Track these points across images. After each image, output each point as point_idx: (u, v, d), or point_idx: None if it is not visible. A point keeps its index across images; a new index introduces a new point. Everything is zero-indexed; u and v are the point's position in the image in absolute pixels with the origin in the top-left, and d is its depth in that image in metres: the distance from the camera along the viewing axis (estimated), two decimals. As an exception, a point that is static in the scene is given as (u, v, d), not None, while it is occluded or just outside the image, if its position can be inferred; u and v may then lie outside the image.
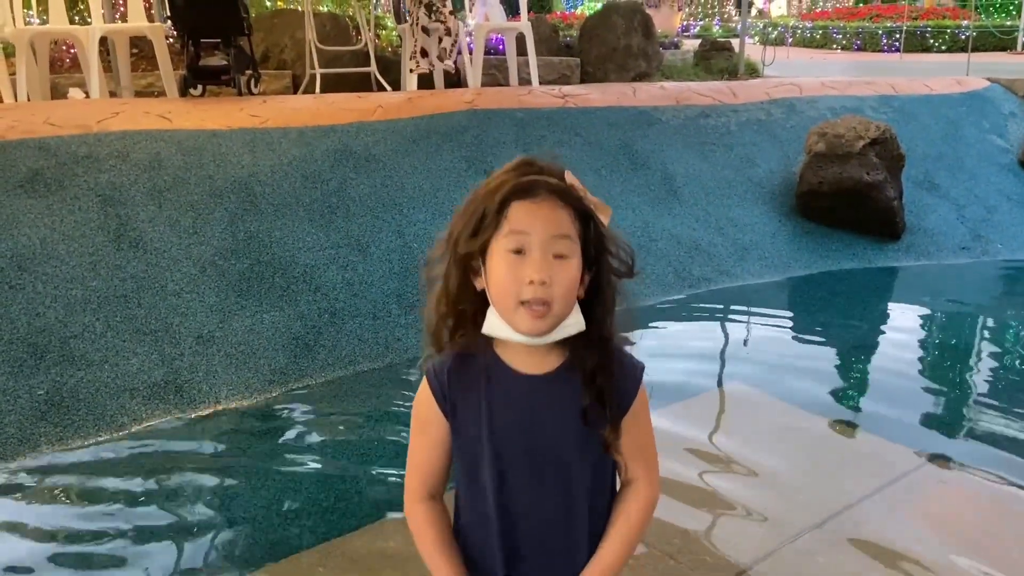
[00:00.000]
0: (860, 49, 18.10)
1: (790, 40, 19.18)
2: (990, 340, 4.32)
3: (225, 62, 5.69)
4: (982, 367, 3.84)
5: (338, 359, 3.76)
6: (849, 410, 3.41)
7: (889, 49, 17.07)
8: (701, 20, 25.21)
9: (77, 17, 7.04)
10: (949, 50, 16.23)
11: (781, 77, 8.50)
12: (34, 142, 4.22)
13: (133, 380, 3.38)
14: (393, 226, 4.50)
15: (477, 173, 4.90)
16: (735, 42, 9.74)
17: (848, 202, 5.46)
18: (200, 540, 2.50)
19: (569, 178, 1.16)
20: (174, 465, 3.00)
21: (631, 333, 1.27)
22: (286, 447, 3.13)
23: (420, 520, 1.27)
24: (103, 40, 5.90)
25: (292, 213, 4.34)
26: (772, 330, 4.42)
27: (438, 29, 6.23)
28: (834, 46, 18.96)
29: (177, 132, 4.58)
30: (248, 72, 5.89)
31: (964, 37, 13.90)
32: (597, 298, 1.21)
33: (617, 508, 1.29)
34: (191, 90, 5.71)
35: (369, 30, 7.13)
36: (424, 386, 1.24)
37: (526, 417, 1.20)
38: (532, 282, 1.11)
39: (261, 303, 3.88)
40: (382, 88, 6.78)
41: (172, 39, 6.40)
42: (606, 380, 1.20)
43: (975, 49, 13.07)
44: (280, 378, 3.59)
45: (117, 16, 6.85)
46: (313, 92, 6.49)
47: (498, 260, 1.13)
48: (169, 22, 6.08)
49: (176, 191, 4.21)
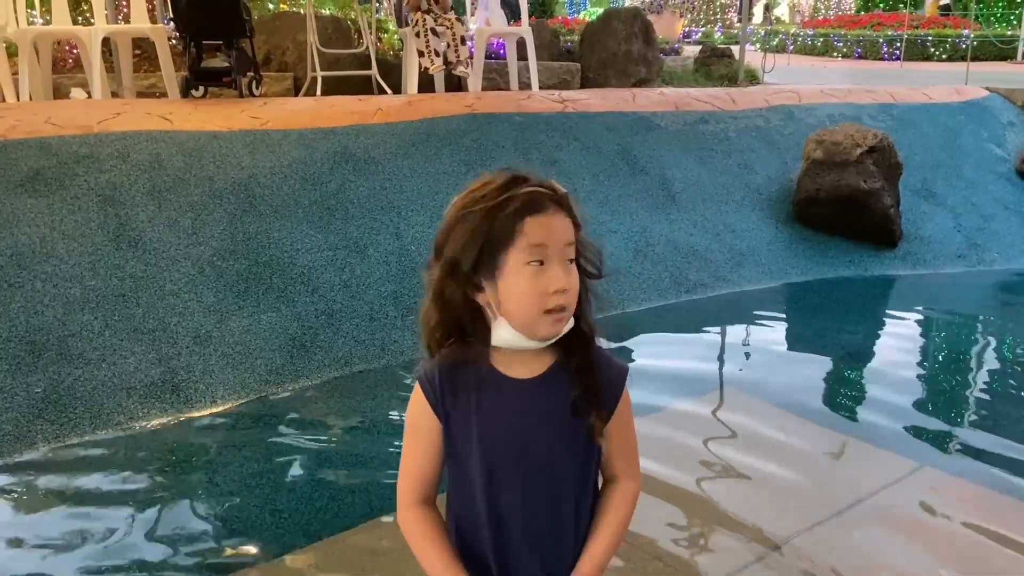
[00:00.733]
0: (861, 57, 18.14)
1: (791, 47, 19.23)
2: (985, 350, 4.34)
3: (227, 64, 5.71)
4: (976, 376, 3.85)
5: (334, 360, 3.78)
6: (842, 417, 3.42)
7: (890, 57, 17.11)
8: (703, 27, 25.27)
9: (80, 18, 7.07)
10: (950, 59, 16.27)
11: (780, 84, 8.53)
12: (35, 142, 4.25)
13: (130, 379, 3.40)
14: (391, 228, 4.52)
15: (476, 177, 4.89)
16: (735, 49, 9.78)
17: (845, 209, 5.48)
18: (194, 538, 2.52)
19: (561, 188, 1.21)
20: (169, 464, 3.02)
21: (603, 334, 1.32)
22: (281, 447, 3.15)
23: (416, 525, 1.28)
24: (105, 41, 5.94)
25: (291, 214, 4.37)
26: (767, 336, 4.43)
27: (445, 34, 6.26)
28: (835, 54, 19.01)
29: (178, 133, 4.60)
30: (249, 74, 5.92)
31: (964, 46, 13.94)
32: (582, 297, 1.25)
33: (603, 504, 1.32)
34: (192, 91, 5.73)
35: (371, 33, 7.16)
36: (417, 392, 1.26)
37: (517, 420, 1.23)
38: (557, 291, 1.16)
39: (259, 304, 3.90)
40: (383, 91, 6.81)
41: (174, 40, 6.43)
42: (593, 371, 1.24)
43: (976, 58, 13.11)
44: (276, 378, 3.61)
45: (120, 17, 6.88)
46: (314, 95, 6.52)
47: (518, 274, 1.16)
48: (171, 23, 6.11)
49: (176, 192, 4.23)
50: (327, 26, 7.30)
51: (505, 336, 1.21)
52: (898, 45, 16.72)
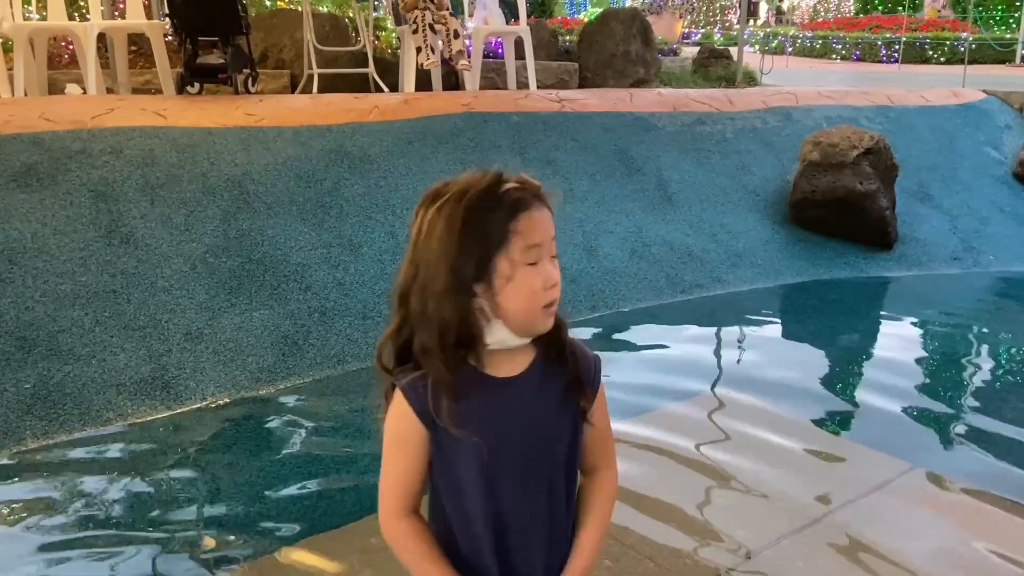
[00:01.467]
0: (859, 59, 18.15)
1: (790, 49, 19.23)
2: (979, 352, 4.33)
3: (222, 61, 5.69)
4: (969, 378, 3.84)
5: (327, 358, 3.77)
6: (835, 418, 3.41)
7: (888, 60, 17.12)
8: (702, 28, 25.28)
9: (76, 14, 7.05)
10: (948, 62, 16.28)
11: (778, 86, 8.52)
12: (28, 136, 4.23)
13: (120, 375, 3.38)
14: (386, 227, 4.50)
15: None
16: (734, 50, 9.77)
17: (841, 211, 5.47)
18: (184, 536, 2.50)
19: (536, 183, 1.21)
20: (159, 461, 3.01)
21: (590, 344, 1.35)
22: (272, 445, 3.13)
23: (406, 536, 1.25)
24: (101, 37, 5.92)
25: (285, 212, 4.35)
26: (762, 337, 4.42)
27: (441, 31, 6.24)
28: (833, 56, 19.01)
29: (172, 129, 4.59)
30: (246, 71, 5.90)
31: (963, 49, 13.96)
32: None
33: (588, 497, 1.32)
34: (188, 88, 5.72)
35: (368, 31, 7.15)
36: (401, 402, 1.22)
37: (508, 417, 1.22)
38: (551, 287, 1.18)
39: (251, 301, 3.88)
40: (379, 89, 6.80)
41: (170, 37, 6.40)
42: (572, 357, 1.26)
43: (974, 61, 13.11)
44: (268, 376, 3.60)
45: (116, 13, 6.85)
46: (311, 92, 6.50)
47: (518, 275, 1.15)
48: (167, 20, 6.09)
49: (169, 188, 4.21)
50: (324, 24, 7.28)
51: (501, 337, 1.19)
52: (896, 47, 16.74)
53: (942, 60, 16.68)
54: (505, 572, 1.25)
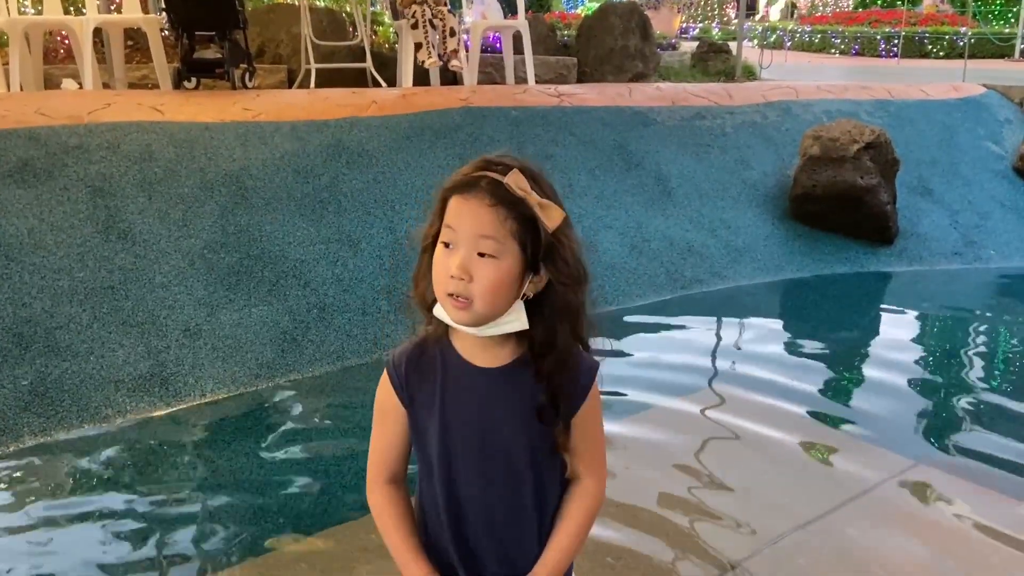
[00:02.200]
0: (858, 54, 18.13)
1: (789, 44, 19.20)
2: (980, 347, 4.32)
3: (219, 55, 5.66)
4: (972, 374, 3.83)
5: (326, 354, 3.75)
6: (837, 413, 3.40)
7: (887, 54, 17.10)
8: (700, 22, 25.24)
9: (71, 8, 7.00)
10: (947, 56, 16.27)
11: (778, 80, 8.50)
12: (24, 132, 4.20)
13: (119, 372, 3.36)
14: (385, 222, 4.48)
15: (470, 170, 4.88)
16: (733, 45, 9.75)
17: (841, 206, 5.46)
18: (183, 533, 2.49)
19: (511, 178, 1.13)
20: (158, 458, 2.99)
21: (592, 341, 1.27)
22: (271, 441, 3.11)
23: (380, 504, 1.31)
24: (97, 31, 5.88)
25: (283, 207, 4.33)
26: (762, 333, 4.41)
27: (439, 26, 6.21)
28: (832, 50, 18.99)
29: (169, 124, 4.56)
30: (243, 66, 5.86)
31: (962, 44, 13.93)
32: (545, 301, 1.19)
33: (565, 506, 1.29)
34: (185, 83, 5.68)
35: (366, 26, 7.11)
36: (384, 377, 1.28)
37: (476, 409, 1.23)
38: (452, 276, 1.14)
39: (249, 297, 3.86)
40: (377, 84, 6.76)
41: (167, 31, 6.37)
42: (558, 383, 1.20)
43: (973, 56, 13.09)
44: (267, 372, 3.58)
45: (112, 7, 6.82)
46: (308, 87, 6.47)
47: (436, 252, 1.18)
48: (164, 14, 6.05)
49: (166, 183, 4.19)
50: (322, 18, 7.25)
51: (439, 311, 1.21)
52: (896, 42, 16.71)
53: (941, 54, 16.67)
54: (463, 557, 1.26)
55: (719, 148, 6.06)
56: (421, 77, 6.48)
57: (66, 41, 6.73)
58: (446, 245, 1.16)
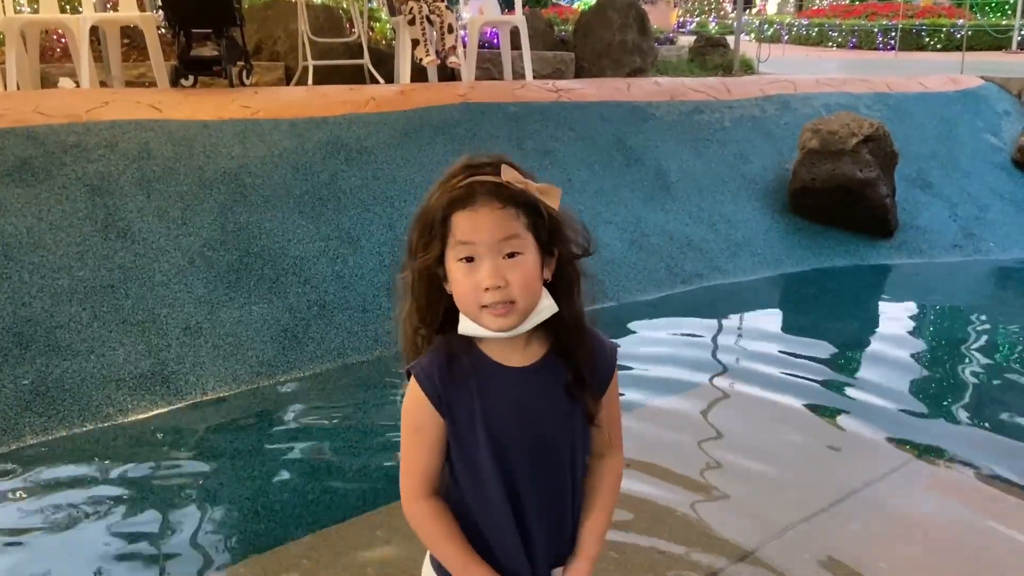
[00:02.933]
0: (856, 47, 18.12)
1: (786, 37, 19.18)
2: (980, 339, 4.32)
3: (217, 53, 5.64)
4: (971, 367, 3.83)
5: (326, 352, 3.75)
6: (837, 407, 3.40)
7: (884, 47, 17.09)
8: (697, 16, 25.21)
9: (68, 6, 6.98)
10: (944, 49, 16.26)
11: (776, 74, 8.49)
12: (23, 131, 4.19)
13: (119, 371, 3.36)
14: (384, 219, 4.48)
15: (469, 166, 4.87)
16: (730, 39, 9.73)
17: (841, 199, 5.45)
18: (186, 530, 2.49)
19: (506, 173, 1.14)
20: (160, 456, 2.99)
21: (595, 309, 1.30)
22: (273, 439, 3.12)
23: (426, 517, 1.26)
24: (94, 30, 5.86)
25: (282, 205, 4.32)
26: (762, 326, 4.41)
27: (436, 23, 6.20)
28: (830, 44, 18.98)
29: (167, 122, 4.55)
30: (240, 63, 5.85)
31: (959, 36, 13.92)
32: (561, 279, 1.22)
33: (596, 481, 1.33)
34: (182, 81, 5.66)
35: (363, 22, 7.10)
36: (415, 388, 1.23)
37: (519, 408, 1.22)
38: (488, 289, 1.13)
39: (250, 295, 3.86)
40: (375, 81, 6.75)
41: (163, 29, 6.35)
42: (584, 355, 1.23)
43: (970, 48, 13.09)
44: (268, 370, 3.58)
45: (108, 6, 6.80)
46: (306, 84, 6.46)
47: (454, 271, 1.17)
48: (160, 12, 6.04)
49: (165, 182, 4.18)
50: (319, 15, 7.23)
51: (468, 327, 1.20)
52: (893, 35, 16.70)
53: (938, 47, 16.66)
54: (523, 548, 1.26)
55: (718, 142, 6.05)
56: (419, 73, 6.47)
57: (63, 40, 6.72)
58: (467, 260, 1.14)
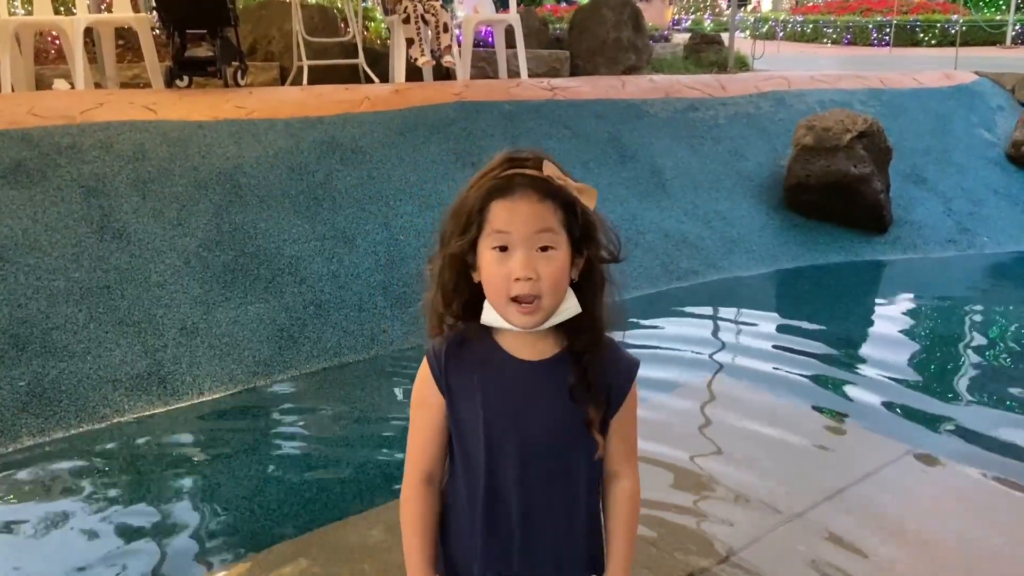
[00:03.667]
0: (850, 43, 18.15)
1: (781, 34, 19.20)
2: (974, 333, 4.34)
3: (211, 53, 5.64)
4: (966, 360, 3.85)
5: (323, 351, 3.75)
6: (832, 401, 3.42)
7: (879, 43, 17.12)
8: (692, 13, 25.23)
9: (62, 7, 6.98)
10: (939, 44, 16.29)
11: (770, 71, 8.50)
12: (17, 132, 4.19)
13: (116, 371, 3.36)
14: (380, 218, 4.48)
15: (464, 166, 4.89)
16: (725, 36, 9.74)
17: (835, 195, 5.47)
18: (183, 530, 2.49)
19: (548, 168, 1.15)
20: (156, 456, 3.00)
21: (619, 325, 1.28)
22: (269, 438, 3.12)
23: (409, 505, 1.28)
24: (88, 31, 5.85)
25: (278, 205, 4.32)
26: (758, 322, 4.42)
27: (431, 22, 6.20)
28: (824, 40, 19.00)
29: (162, 123, 4.54)
30: (235, 63, 5.85)
31: (954, 31, 13.95)
32: (588, 280, 1.22)
33: (615, 504, 1.30)
34: (177, 81, 5.66)
35: (357, 22, 7.10)
36: (424, 366, 1.26)
37: (519, 401, 1.22)
38: (518, 279, 1.14)
39: (246, 294, 3.86)
40: (370, 80, 6.75)
41: (158, 30, 6.35)
42: (595, 360, 1.22)
43: (965, 43, 13.11)
44: (264, 369, 3.58)
45: (102, 7, 6.79)
46: (300, 84, 6.46)
47: (486, 259, 1.17)
48: (155, 13, 6.03)
49: (160, 182, 4.18)
50: (313, 15, 7.22)
51: (491, 317, 1.20)
52: (887, 31, 16.72)
53: (933, 43, 16.69)
54: (504, 553, 1.25)
55: (713, 139, 6.06)
56: (414, 72, 6.47)
57: (57, 41, 6.71)
58: (500, 250, 1.15)
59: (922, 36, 17.01)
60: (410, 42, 6.19)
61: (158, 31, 6.30)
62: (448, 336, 1.25)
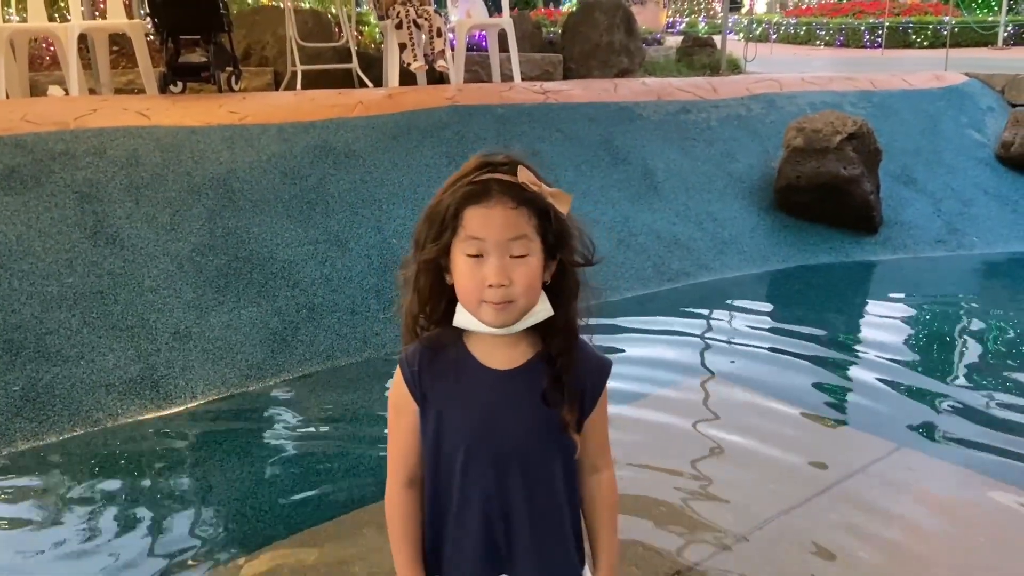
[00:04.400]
0: (843, 45, 18.22)
1: (774, 36, 19.27)
2: (964, 333, 4.37)
3: (205, 59, 5.67)
4: (955, 359, 3.88)
5: (316, 354, 3.77)
6: (821, 401, 3.44)
7: (872, 45, 17.19)
8: (687, 16, 25.30)
9: (56, 14, 7.00)
10: (931, 46, 16.36)
11: (762, 73, 8.55)
12: (11, 139, 4.21)
13: (109, 376, 3.38)
14: (372, 222, 4.51)
15: (457, 169, 4.90)
16: (718, 39, 9.79)
17: (825, 196, 5.51)
18: (176, 532, 2.51)
19: (523, 174, 1.16)
20: (150, 460, 3.02)
21: (589, 322, 1.30)
22: (262, 441, 3.14)
23: (393, 508, 1.30)
24: (82, 37, 5.88)
25: (271, 209, 4.35)
26: (749, 323, 4.45)
27: (424, 26, 6.24)
28: (817, 42, 19.07)
29: (155, 129, 4.57)
30: (228, 69, 5.88)
31: (946, 33, 14.02)
32: (562, 284, 1.24)
33: (596, 495, 1.32)
34: (171, 87, 5.69)
35: (351, 27, 7.13)
36: (398, 373, 1.27)
37: (494, 411, 1.23)
38: (492, 286, 1.15)
39: (239, 299, 3.88)
40: (363, 84, 6.78)
41: (152, 36, 6.38)
42: (569, 363, 1.23)
43: (958, 45, 13.18)
44: (257, 373, 3.60)
45: (96, 13, 6.82)
46: (294, 89, 6.49)
47: (459, 263, 1.18)
48: (148, 19, 6.06)
49: (154, 188, 4.20)
50: (307, 20, 7.26)
51: (464, 319, 1.22)
52: (880, 32, 16.80)
53: (925, 44, 16.76)
54: (484, 559, 1.26)
55: (704, 141, 6.10)
56: (407, 77, 6.50)
57: (51, 48, 6.73)
58: (474, 256, 1.16)
59: (914, 38, 17.08)
60: (403, 47, 6.23)
61: (152, 37, 6.33)
62: (421, 344, 1.25)
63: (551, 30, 9.19)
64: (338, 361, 3.78)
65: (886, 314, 4.64)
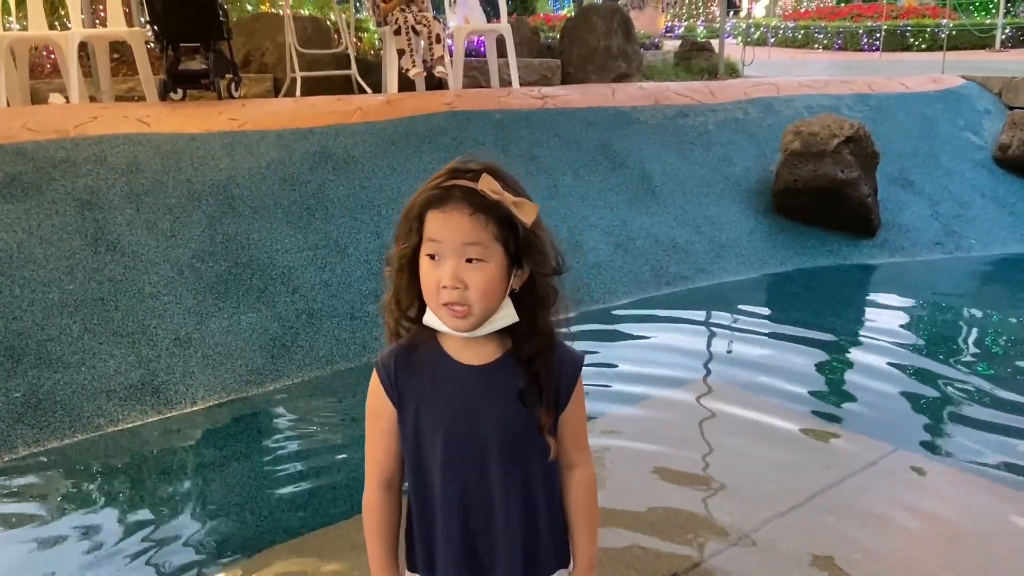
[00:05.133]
0: (841, 48, 18.26)
1: (772, 40, 19.31)
2: (961, 335, 4.39)
3: (205, 66, 5.70)
4: (952, 362, 3.89)
5: (315, 359, 3.79)
6: (818, 403, 3.45)
7: (869, 48, 17.23)
8: (686, 21, 25.36)
9: (56, 23, 7.03)
10: (929, 49, 16.38)
11: (760, 77, 8.57)
12: (12, 147, 4.24)
13: (110, 382, 3.40)
14: (371, 227, 4.53)
15: (455, 174, 4.93)
16: (716, 43, 9.82)
17: (823, 199, 5.53)
18: (176, 536, 2.52)
19: (484, 183, 1.18)
20: (151, 465, 3.03)
21: (565, 326, 1.32)
22: (262, 446, 3.16)
23: (370, 510, 1.34)
24: (83, 45, 5.91)
25: (270, 215, 4.37)
26: (748, 327, 4.46)
27: (423, 32, 6.27)
28: (815, 46, 19.12)
29: (155, 136, 4.60)
30: (228, 76, 5.91)
31: (943, 36, 14.05)
32: (530, 292, 1.26)
33: (574, 492, 1.35)
34: (171, 94, 5.72)
35: (350, 33, 7.16)
36: (374, 376, 1.31)
37: (464, 404, 1.26)
38: (446, 287, 1.18)
39: (239, 304, 3.90)
40: (363, 91, 6.81)
41: (152, 44, 6.41)
42: (543, 366, 1.26)
43: (955, 48, 13.21)
44: (257, 378, 3.62)
45: (96, 21, 6.85)
46: (294, 95, 6.52)
47: (422, 264, 1.22)
48: (148, 26, 6.09)
49: (154, 194, 4.23)
50: (306, 27, 7.29)
51: (431, 319, 1.25)
52: (877, 36, 16.83)
53: (923, 47, 16.79)
54: (466, 555, 1.29)
55: (702, 145, 6.12)
56: (406, 83, 6.53)
57: (52, 56, 6.76)
58: (432, 257, 1.20)
59: (912, 41, 17.12)
60: (401, 53, 6.25)
61: (152, 45, 6.36)
62: (397, 346, 1.29)
63: (549, 35, 9.23)
64: (338, 366, 3.80)
65: (884, 317, 4.66)
